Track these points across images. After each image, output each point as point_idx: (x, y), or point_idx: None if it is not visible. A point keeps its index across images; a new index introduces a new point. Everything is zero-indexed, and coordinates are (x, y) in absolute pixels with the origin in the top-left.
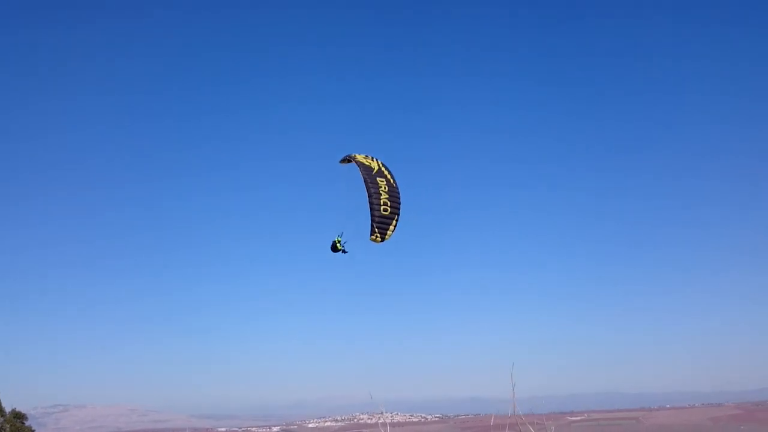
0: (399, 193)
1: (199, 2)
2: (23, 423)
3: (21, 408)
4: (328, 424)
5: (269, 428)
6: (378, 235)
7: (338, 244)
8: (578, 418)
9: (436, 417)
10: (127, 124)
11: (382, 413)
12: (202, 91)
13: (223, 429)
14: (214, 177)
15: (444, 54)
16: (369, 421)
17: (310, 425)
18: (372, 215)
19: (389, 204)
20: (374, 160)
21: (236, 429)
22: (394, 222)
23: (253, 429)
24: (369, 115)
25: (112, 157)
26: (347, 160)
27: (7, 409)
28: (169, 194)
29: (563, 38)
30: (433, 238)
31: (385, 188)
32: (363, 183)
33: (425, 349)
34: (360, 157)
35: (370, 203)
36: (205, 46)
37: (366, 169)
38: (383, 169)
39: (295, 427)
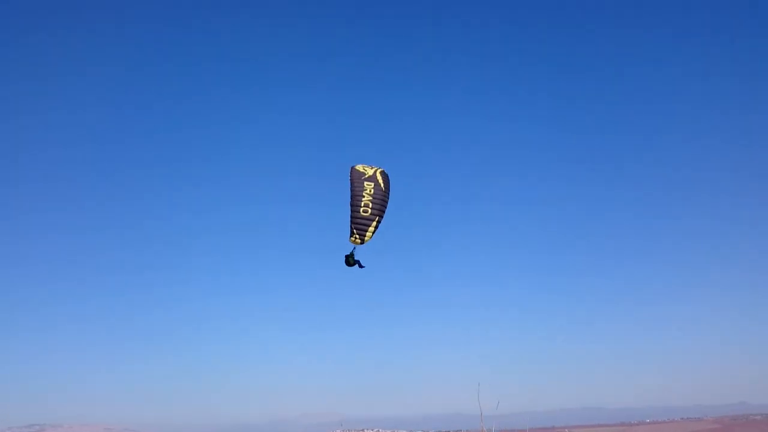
0: (386, 198)
1: (196, 9)
2: None
3: None
4: None
5: None
6: (357, 236)
7: (351, 259)
8: None
9: None
10: (120, 133)
11: (363, 431)
12: (196, 96)
13: None
14: (193, 189)
15: (438, 61)
16: None
17: None
18: (352, 216)
19: (370, 206)
20: (372, 167)
21: None
22: (375, 224)
23: None
24: (361, 124)
25: (89, 166)
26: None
27: None
28: (144, 210)
29: (562, 45)
30: (415, 251)
31: (370, 191)
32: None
33: (407, 364)
34: (358, 166)
35: (351, 204)
36: (203, 51)
37: (357, 175)
38: (378, 175)
39: None
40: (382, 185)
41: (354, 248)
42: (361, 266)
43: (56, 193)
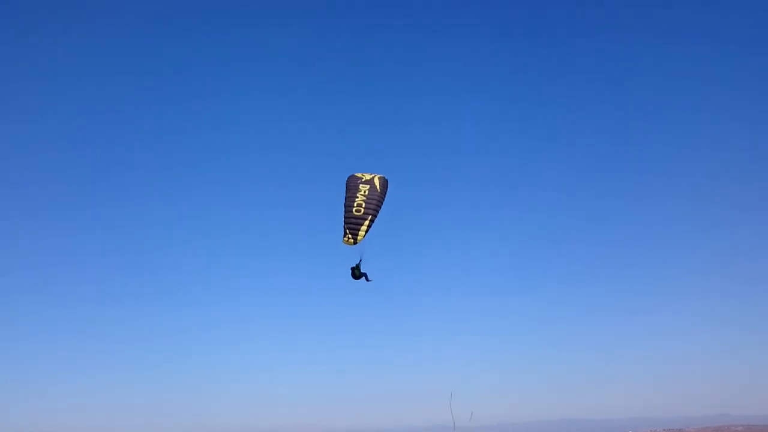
0: (381, 200)
1: (195, 9)
2: None
3: None
4: None
5: None
6: (350, 236)
7: (357, 271)
8: None
9: None
10: (118, 134)
11: None
12: (197, 97)
13: None
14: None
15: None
16: None
17: None
18: (345, 217)
19: (363, 205)
20: (371, 174)
21: None
22: (368, 223)
23: None
24: (362, 129)
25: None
26: None
27: None
28: (140, 214)
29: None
30: (404, 259)
31: (365, 192)
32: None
33: (394, 375)
34: (357, 173)
35: (345, 205)
36: (203, 52)
37: (354, 180)
38: (375, 180)
39: None
40: (378, 187)
41: (360, 260)
42: (368, 279)
43: (53, 194)
